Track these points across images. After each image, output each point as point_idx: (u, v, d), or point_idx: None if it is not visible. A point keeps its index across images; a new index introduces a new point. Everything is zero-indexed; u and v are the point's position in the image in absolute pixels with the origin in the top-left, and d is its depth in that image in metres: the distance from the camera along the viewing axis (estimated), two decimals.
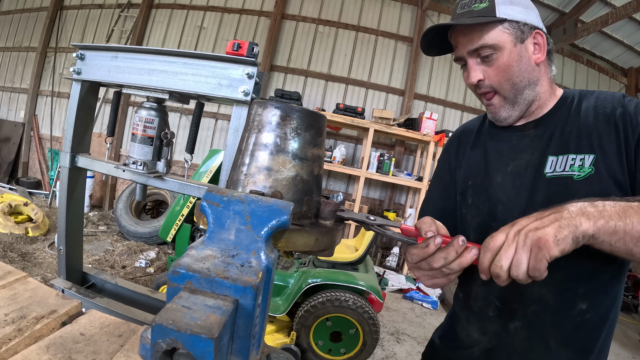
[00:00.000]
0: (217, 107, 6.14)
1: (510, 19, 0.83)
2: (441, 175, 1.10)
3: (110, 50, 1.28)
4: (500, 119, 0.92)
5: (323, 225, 0.55)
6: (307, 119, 0.55)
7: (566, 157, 0.83)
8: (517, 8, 0.84)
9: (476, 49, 0.85)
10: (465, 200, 0.99)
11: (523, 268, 0.59)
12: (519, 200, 0.87)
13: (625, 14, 4.52)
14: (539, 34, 0.86)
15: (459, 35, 0.87)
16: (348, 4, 6.13)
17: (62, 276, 1.50)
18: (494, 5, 0.83)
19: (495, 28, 0.83)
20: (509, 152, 0.92)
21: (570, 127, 0.85)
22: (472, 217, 0.96)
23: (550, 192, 0.83)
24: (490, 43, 0.83)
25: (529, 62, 0.86)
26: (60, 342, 0.73)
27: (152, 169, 1.29)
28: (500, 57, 0.84)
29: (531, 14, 0.86)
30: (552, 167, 0.84)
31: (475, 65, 0.87)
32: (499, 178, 0.92)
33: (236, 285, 0.38)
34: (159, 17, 6.38)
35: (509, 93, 0.87)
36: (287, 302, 2.69)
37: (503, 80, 0.86)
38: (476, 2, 0.84)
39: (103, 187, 6.33)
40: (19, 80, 7.13)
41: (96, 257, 4.00)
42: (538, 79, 0.88)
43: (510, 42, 0.84)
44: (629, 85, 6.46)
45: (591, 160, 0.80)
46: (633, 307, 5.50)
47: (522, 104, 0.89)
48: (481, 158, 0.98)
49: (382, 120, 5.02)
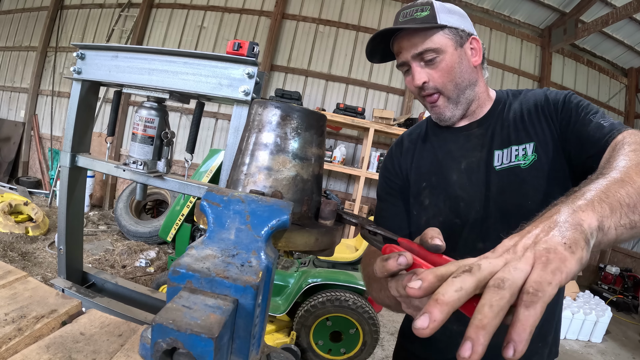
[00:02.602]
0: (218, 106, 6.14)
1: (450, 25, 0.90)
2: (390, 179, 1.10)
3: (111, 49, 1.28)
4: (445, 118, 0.97)
5: (323, 225, 0.55)
6: (307, 118, 0.55)
7: (509, 149, 0.91)
8: (455, 16, 0.92)
9: (420, 53, 0.91)
10: (420, 202, 1.01)
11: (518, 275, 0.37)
12: (477, 195, 0.93)
13: (625, 14, 4.52)
14: (475, 40, 0.95)
15: (402, 40, 0.92)
16: (348, 3, 6.13)
17: (62, 276, 1.50)
18: (435, 13, 0.89)
19: (438, 33, 0.89)
20: (459, 151, 0.98)
21: (508, 122, 0.94)
22: (432, 217, 0.98)
23: (503, 183, 0.90)
24: (433, 47, 0.89)
25: (468, 64, 0.93)
26: (61, 341, 0.73)
27: (153, 168, 1.29)
28: (443, 60, 0.90)
29: (466, 22, 0.94)
30: (500, 161, 0.92)
31: (420, 68, 0.92)
32: (455, 176, 0.97)
33: (236, 284, 0.38)
34: (160, 16, 6.38)
35: (452, 93, 0.94)
36: (287, 301, 2.69)
37: (447, 81, 0.92)
38: (418, 11, 0.90)
39: (103, 187, 6.33)
40: (19, 79, 7.13)
41: (96, 257, 4.00)
42: (477, 80, 0.96)
43: (452, 46, 0.90)
44: (629, 85, 6.46)
45: (532, 147, 0.89)
46: (633, 307, 5.50)
47: (464, 103, 0.96)
48: (431, 159, 1.02)
49: (382, 120, 5.02)
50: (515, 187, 0.89)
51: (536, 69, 6.23)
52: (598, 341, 4.25)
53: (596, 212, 0.47)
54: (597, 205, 0.48)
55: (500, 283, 0.36)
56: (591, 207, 0.47)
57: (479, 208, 0.92)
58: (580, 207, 0.47)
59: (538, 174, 0.88)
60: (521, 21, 6.21)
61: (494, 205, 0.91)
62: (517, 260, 0.39)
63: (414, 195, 1.04)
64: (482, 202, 0.92)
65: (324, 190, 5.73)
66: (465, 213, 0.94)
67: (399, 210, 1.07)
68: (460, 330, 0.95)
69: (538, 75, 6.18)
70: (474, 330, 0.35)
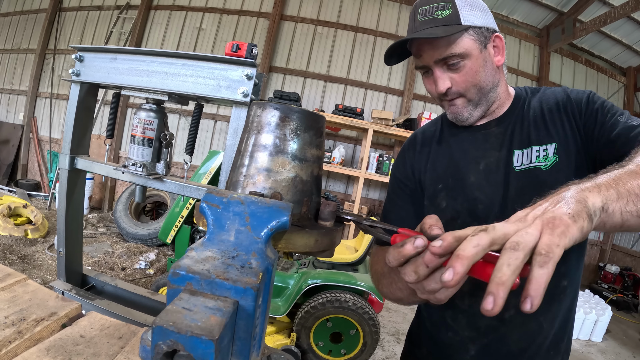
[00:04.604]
0: (217, 108, 6.14)
1: (474, 25, 0.84)
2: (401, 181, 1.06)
3: (109, 51, 1.28)
4: (462, 119, 0.93)
5: (323, 226, 0.55)
6: (306, 119, 0.55)
7: (530, 149, 0.88)
8: (478, 13, 0.85)
9: (444, 58, 0.85)
10: (437, 204, 0.97)
11: (529, 238, 0.42)
12: (496, 196, 0.89)
13: (623, 13, 4.53)
14: (498, 37, 0.89)
15: (424, 45, 0.86)
16: (347, 4, 6.14)
17: (61, 278, 1.50)
18: (458, 12, 0.82)
19: (462, 36, 0.83)
20: (476, 151, 0.94)
21: (528, 121, 0.91)
22: (450, 220, 0.93)
23: (522, 184, 0.87)
24: (458, 52, 0.84)
25: (492, 66, 0.89)
26: (60, 344, 0.73)
27: (152, 170, 1.29)
28: (467, 64, 0.85)
29: (489, 17, 0.88)
30: (520, 161, 0.88)
31: (442, 73, 0.87)
32: (473, 178, 0.92)
33: (236, 286, 0.38)
34: (158, 18, 6.38)
35: (474, 96, 0.89)
36: (287, 303, 2.68)
37: (470, 85, 0.87)
38: (439, 9, 0.83)
39: (102, 189, 6.32)
40: (18, 82, 7.12)
41: (96, 259, 3.99)
42: (499, 81, 0.92)
43: (477, 49, 0.85)
44: (628, 84, 6.47)
45: (554, 148, 0.86)
46: (633, 307, 5.51)
47: (485, 105, 0.92)
48: (448, 160, 0.98)
49: (381, 120, 5.03)
50: (535, 189, 0.83)
51: (534, 69, 6.24)
52: (598, 340, 4.25)
53: (601, 194, 0.51)
54: (604, 189, 0.52)
55: (515, 245, 0.41)
56: (597, 189, 0.52)
57: (497, 210, 0.88)
58: (588, 188, 0.51)
59: (559, 176, 0.84)
60: (519, 21, 6.23)
61: (512, 207, 0.87)
62: (528, 227, 0.44)
63: (429, 198, 0.99)
64: (500, 204, 0.89)
65: (323, 192, 5.74)
66: (484, 216, 0.90)
67: (407, 214, 1.02)
68: (470, 335, 0.94)
69: (536, 75, 6.19)
70: (495, 286, 0.40)
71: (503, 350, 0.92)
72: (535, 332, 0.90)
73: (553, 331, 0.92)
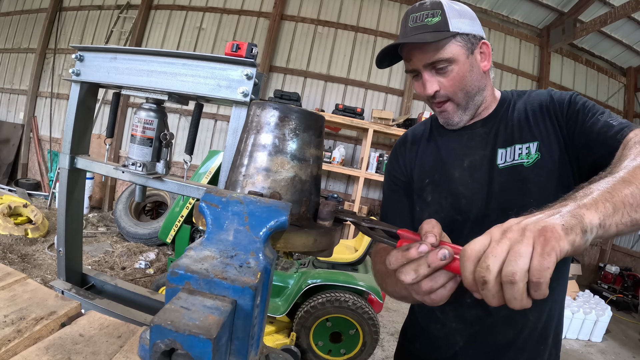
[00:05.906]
0: (217, 108, 6.14)
1: (462, 32, 0.88)
2: (395, 177, 1.12)
3: (110, 51, 1.28)
4: (452, 123, 0.98)
5: (322, 226, 0.55)
6: (305, 119, 0.55)
7: (513, 147, 0.92)
8: (466, 20, 0.90)
9: (432, 63, 0.90)
10: (423, 198, 1.03)
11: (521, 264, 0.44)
12: (479, 191, 0.94)
13: (624, 13, 4.53)
14: (485, 44, 0.94)
15: (414, 49, 0.91)
16: (347, 4, 6.14)
17: (61, 277, 1.50)
18: (447, 19, 0.87)
19: (450, 42, 0.88)
20: (462, 149, 0.99)
21: (512, 122, 0.95)
22: (434, 213, 0.99)
23: (505, 180, 0.91)
24: (446, 57, 0.88)
25: (479, 71, 0.93)
26: (60, 343, 0.73)
27: (152, 170, 1.29)
28: (454, 69, 0.90)
29: (476, 25, 0.93)
30: (503, 159, 0.93)
31: (431, 77, 0.92)
32: (457, 173, 0.98)
33: (234, 285, 0.38)
34: (158, 18, 6.38)
35: (462, 100, 0.94)
36: (287, 302, 2.69)
37: (457, 89, 0.92)
38: (428, 16, 0.88)
39: (102, 189, 6.32)
40: (18, 81, 7.12)
41: (96, 259, 4.00)
42: (485, 85, 0.97)
43: (464, 55, 0.90)
44: (628, 84, 6.47)
45: (536, 146, 0.90)
46: (633, 306, 5.50)
47: (472, 108, 0.96)
48: (435, 157, 1.03)
49: (381, 120, 5.03)
50: (517, 185, 0.90)
51: (535, 69, 6.23)
52: (598, 340, 4.25)
53: (599, 212, 0.52)
54: (601, 205, 0.53)
55: (512, 279, 0.45)
56: (595, 206, 0.52)
57: (480, 205, 0.93)
58: (586, 204, 0.52)
59: (541, 173, 0.88)
60: (519, 21, 6.23)
61: (495, 202, 0.92)
62: (519, 244, 0.46)
63: (417, 192, 1.05)
64: (484, 199, 0.93)
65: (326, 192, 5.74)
66: (466, 210, 0.95)
67: (403, 207, 1.07)
68: (458, 327, 0.96)
69: (537, 75, 6.19)
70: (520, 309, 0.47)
71: (490, 341, 0.95)
72: (521, 325, 0.93)
73: (541, 325, 0.95)
